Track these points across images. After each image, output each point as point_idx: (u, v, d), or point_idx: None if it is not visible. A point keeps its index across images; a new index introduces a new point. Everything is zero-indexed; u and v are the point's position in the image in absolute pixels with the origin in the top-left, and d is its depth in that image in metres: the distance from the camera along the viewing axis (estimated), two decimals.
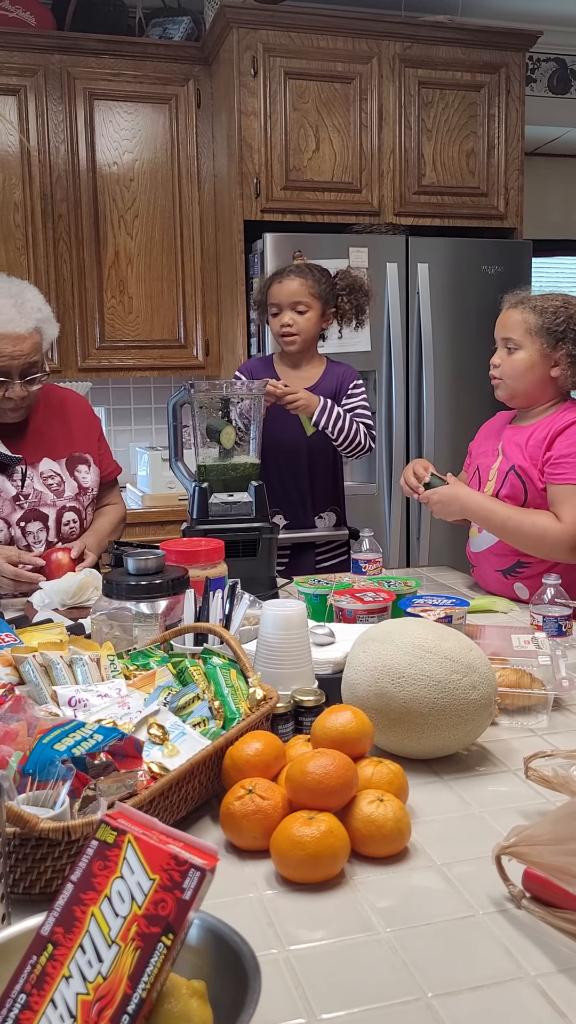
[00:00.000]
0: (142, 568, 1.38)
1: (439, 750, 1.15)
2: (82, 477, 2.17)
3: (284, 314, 2.33)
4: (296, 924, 0.84)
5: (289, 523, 2.42)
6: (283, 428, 2.36)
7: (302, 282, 2.32)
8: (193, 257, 3.56)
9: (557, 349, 1.88)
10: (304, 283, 2.32)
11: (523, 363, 1.90)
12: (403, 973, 0.77)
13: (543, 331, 1.88)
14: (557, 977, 0.76)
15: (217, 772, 1.04)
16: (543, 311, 1.88)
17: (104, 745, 0.94)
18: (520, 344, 1.90)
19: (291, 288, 2.32)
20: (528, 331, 1.89)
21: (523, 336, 1.89)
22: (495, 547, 1.96)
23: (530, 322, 1.89)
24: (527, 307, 1.91)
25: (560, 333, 1.87)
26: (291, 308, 2.32)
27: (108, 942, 0.63)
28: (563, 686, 1.32)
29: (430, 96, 3.40)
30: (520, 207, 3.57)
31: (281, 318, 2.33)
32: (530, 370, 1.90)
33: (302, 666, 1.27)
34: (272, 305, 2.35)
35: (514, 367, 1.92)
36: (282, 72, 3.22)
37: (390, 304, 3.29)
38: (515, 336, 1.91)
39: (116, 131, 3.43)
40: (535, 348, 1.89)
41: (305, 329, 2.34)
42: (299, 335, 2.34)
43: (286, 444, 2.38)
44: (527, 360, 1.90)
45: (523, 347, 1.90)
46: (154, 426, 3.91)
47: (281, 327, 2.33)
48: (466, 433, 3.42)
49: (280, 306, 2.34)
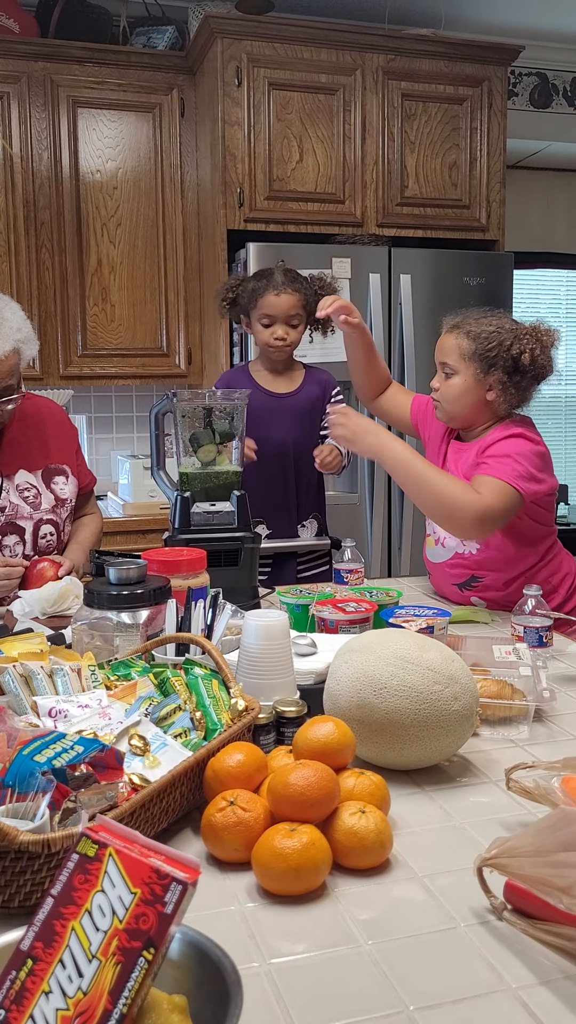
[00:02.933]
0: (123, 578, 1.37)
1: (421, 761, 1.15)
2: (59, 489, 2.14)
3: (278, 327, 2.36)
4: (278, 937, 0.84)
5: (271, 532, 2.42)
6: (269, 435, 2.37)
7: (297, 298, 2.35)
8: (176, 266, 3.56)
9: (490, 375, 1.89)
10: (299, 297, 2.36)
11: (458, 388, 1.92)
12: (385, 986, 0.77)
13: (476, 356, 1.89)
14: (538, 989, 0.76)
15: (199, 783, 1.03)
16: (477, 336, 1.89)
17: (85, 757, 0.94)
18: (455, 369, 1.92)
19: (289, 303, 2.34)
20: (462, 356, 1.90)
21: (457, 361, 1.91)
22: (451, 561, 1.99)
23: (464, 347, 1.90)
24: (462, 332, 1.92)
25: (492, 359, 1.88)
26: (286, 322, 2.35)
27: (89, 957, 0.62)
28: (544, 697, 1.32)
29: (413, 108, 3.43)
30: (502, 219, 3.60)
31: (275, 331, 2.36)
32: (464, 395, 1.92)
33: (284, 676, 1.27)
34: (265, 316, 2.36)
35: (450, 392, 1.93)
36: (266, 82, 3.24)
37: (373, 315, 3.30)
38: (450, 361, 1.92)
39: (99, 139, 3.43)
40: (469, 373, 1.90)
41: (295, 341, 2.39)
42: (291, 346, 2.39)
43: (271, 451, 2.38)
44: (462, 385, 1.91)
45: (458, 372, 1.91)
46: (136, 434, 3.90)
47: (274, 339, 2.36)
48: None
49: (275, 318, 2.35)
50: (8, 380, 1.92)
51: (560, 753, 1.23)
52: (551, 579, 1.96)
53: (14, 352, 1.92)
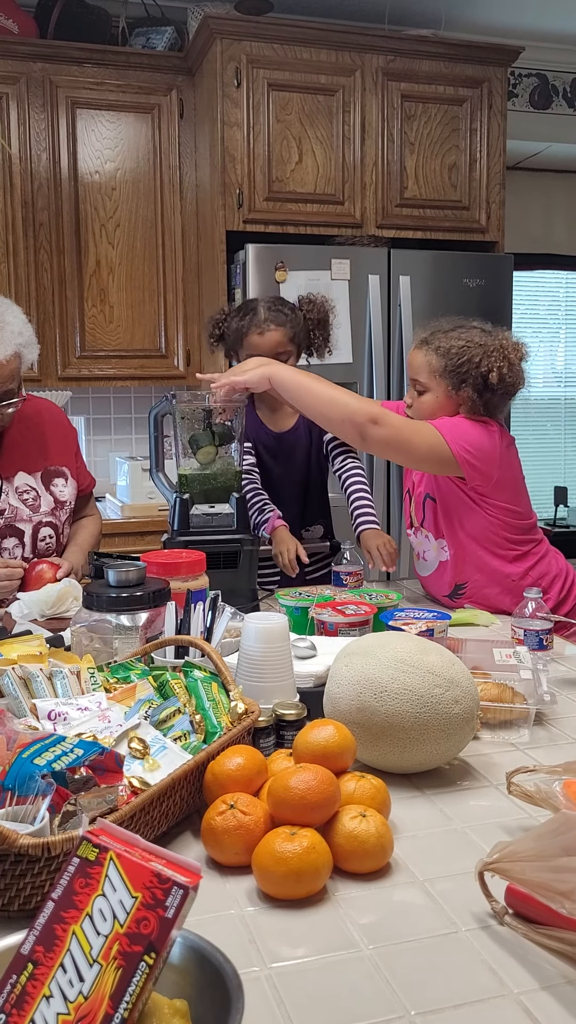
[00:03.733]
0: (123, 580, 1.37)
1: (421, 765, 1.14)
2: (58, 491, 2.13)
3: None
4: (278, 941, 0.84)
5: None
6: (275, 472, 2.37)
7: (283, 332, 2.30)
8: (175, 267, 3.56)
9: (461, 391, 1.88)
10: (284, 332, 2.30)
11: (430, 405, 1.92)
12: (386, 991, 0.77)
13: (446, 373, 1.88)
14: (540, 994, 0.76)
15: (198, 787, 1.03)
16: (447, 352, 1.88)
17: (84, 759, 0.93)
18: (426, 386, 1.91)
19: (273, 340, 2.29)
20: (432, 373, 1.90)
21: (428, 378, 1.91)
22: (435, 573, 1.99)
23: (433, 364, 1.89)
24: (431, 348, 1.90)
25: (463, 375, 1.87)
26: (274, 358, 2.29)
27: (89, 961, 0.62)
28: (544, 700, 1.32)
29: (413, 109, 3.43)
30: (501, 221, 3.60)
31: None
32: (437, 412, 1.91)
33: (284, 680, 1.27)
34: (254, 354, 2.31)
35: (423, 409, 1.93)
36: (265, 83, 3.24)
37: (372, 316, 3.30)
38: (421, 378, 1.92)
39: (98, 140, 3.43)
40: (440, 390, 1.90)
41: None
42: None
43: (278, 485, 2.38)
44: (434, 403, 1.91)
45: (429, 389, 1.91)
46: (134, 436, 3.90)
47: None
48: None
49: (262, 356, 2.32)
50: (9, 384, 1.92)
51: (561, 756, 1.23)
52: (539, 582, 1.94)
53: (15, 356, 1.91)
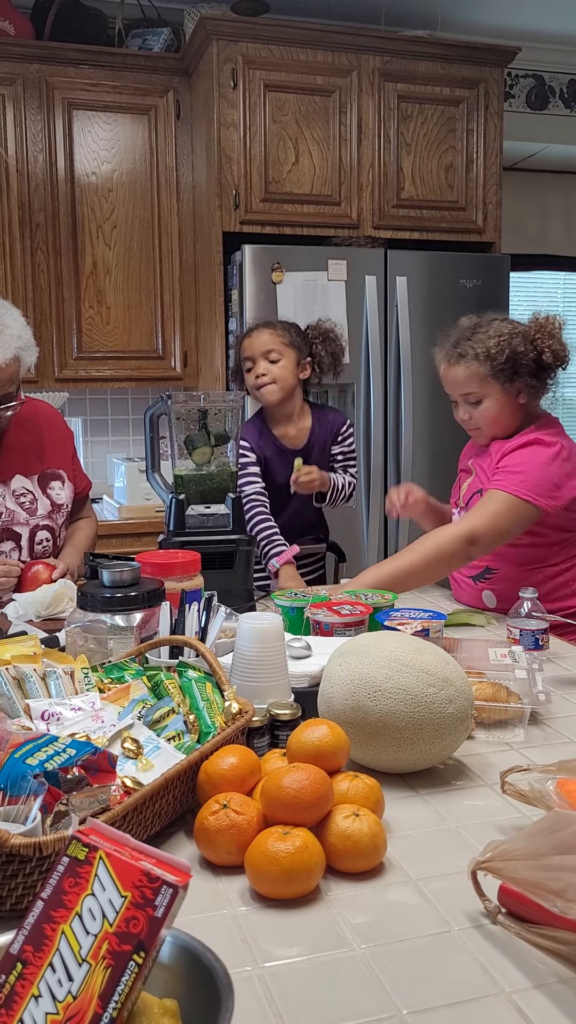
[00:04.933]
0: (117, 580, 1.37)
1: (415, 764, 1.14)
2: (55, 494, 2.13)
3: (258, 365, 2.32)
4: (270, 941, 0.84)
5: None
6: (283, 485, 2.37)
7: (271, 332, 2.32)
8: (171, 268, 3.56)
9: (515, 382, 1.88)
10: (273, 333, 2.32)
11: (493, 410, 1.91)
12: (378, 990, 0.76)
13: (495, 374, 1.87)
14: (532, 993, 0.76)
15: (192, 787, 1.03)
16: (486, 356, 1.86)
17: (77, 759, 0.93)
18: (481, 395, 1.90)
19: (261, 339, 2.32)
20: (482, 381, 1.88)
21: (480, 387, 1.89)
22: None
23: (480, 372, 1.88)
24: (468, 359, 1.88)
25: (510, 368, 1.86)
26: (264, 358, 2.31)
27: (79, 960, 0.62)
28: (539, 700, 1.32)
29: (409, 110, 3.43)
30: (498, 222, 3.60)
31: (255, 370, 2.32)
32: (501, 412, 1.91)
33: (278, 679, 1.27)
34: (246, 360, 2.34)
35: (487, 416, 1.92)
36: (262, 84, 3.24)
37: (368, 317, 3.30)
38: (472, 390, 1.90)
39: (95, 141, 3.43)
40: (496, 391, 1.89)
41: (281, 377, 2.31)
42: (276, 382, 2.31)
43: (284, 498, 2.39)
44: (496, 405, 1.90)
45: (486, 396, 1.90)
46: (131, 437, 3.90)
47: (256, 378, 2.32)
48: (444, 446, 3.44)
49: (253, 359, 2.33)
50: (8, 387, 1.91)
51: (555, 756, 1.23)
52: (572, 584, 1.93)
53: (15, 359, 1.91)
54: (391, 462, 3.41)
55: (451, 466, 3.42)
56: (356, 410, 3.34)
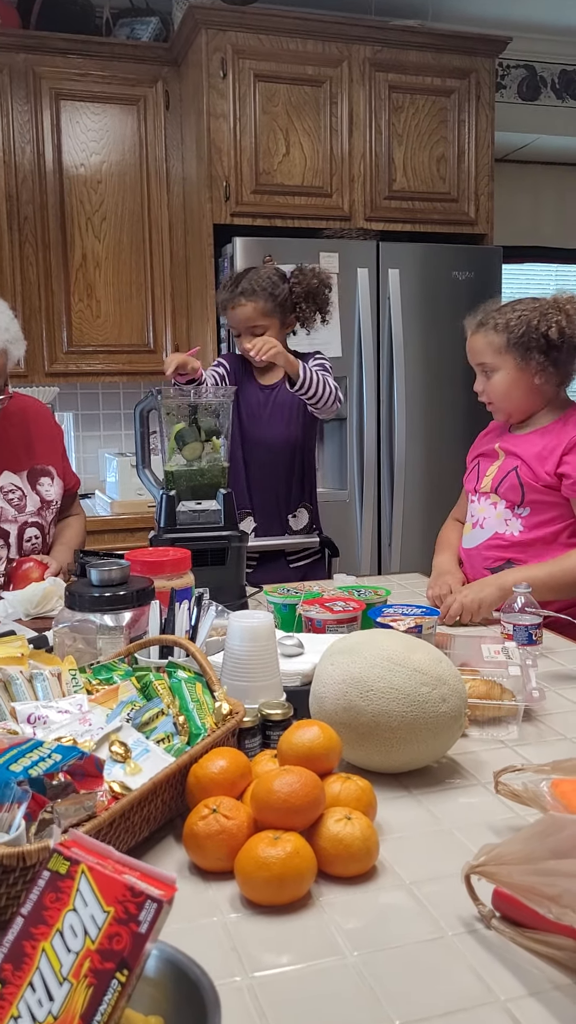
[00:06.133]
0: (106, 579, 1.35)
1: (408, 764, 1.13)
2: (44, 491, 2.10)
3: (244, 338, 2.33)
4: (260, 948, 0.82)
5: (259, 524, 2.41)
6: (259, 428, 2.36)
7: (253, 306, 2.31)
8: (162, 261, 3.53)
9: (529, 359, 1.86)
10: (255, 307, 2.31)
11: (504, 383, 1.90)
12: (371, 999, 0.75)
13: (511, 347, 1.87)
14: (527, 1001, 0.74)
15: (181, 790, 1.01)
16: (505, 327, 1.87)
17: (63, 765, 0.91)
18: (495, 366, 1.90)
19: (244, 314, 2.32)
20: (497, 351, 1.88)
21: (494, 357, 1.89)
22: (488, 542, 1.94)
23: (495, 342, 1.88)
24: (488, 328, 1.90)
25: (526, 343, 1.85)
26: (249, 332, 2.32)
27: (59, 979, 0.60)
28: (533, 697, 1.30)
29: (400, 101, 3.40)
30: (490, 213, 3.58)
31: (243, 341, 2.33)
32: (513, 387, 1.89)
33: (270, 679, 1.25)
34: (232, 327, 2.36)
35: (497, 389, 1.91)
36: (251, 74, 3.20)
37: (361, 309, 3.27)
38: (487, 360, 1.90)
39: (83, 132, 3.39)
40: (510, 365, 1.88)
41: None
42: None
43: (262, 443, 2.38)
44: (506, 379, 1.89)
45: (498, 368, 1.89)
46: (123, 432, 3.87)
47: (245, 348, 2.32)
48: (438, 438, 3.43)
49: (238, 330, 2.34)
50: None
51: (550, 753, 1.22)
52: None
53: (2, 353, 1.88)
54: (384, 455, 3.39)
55: (445, 458, 3.41)
56: (350, 402, 3.31)
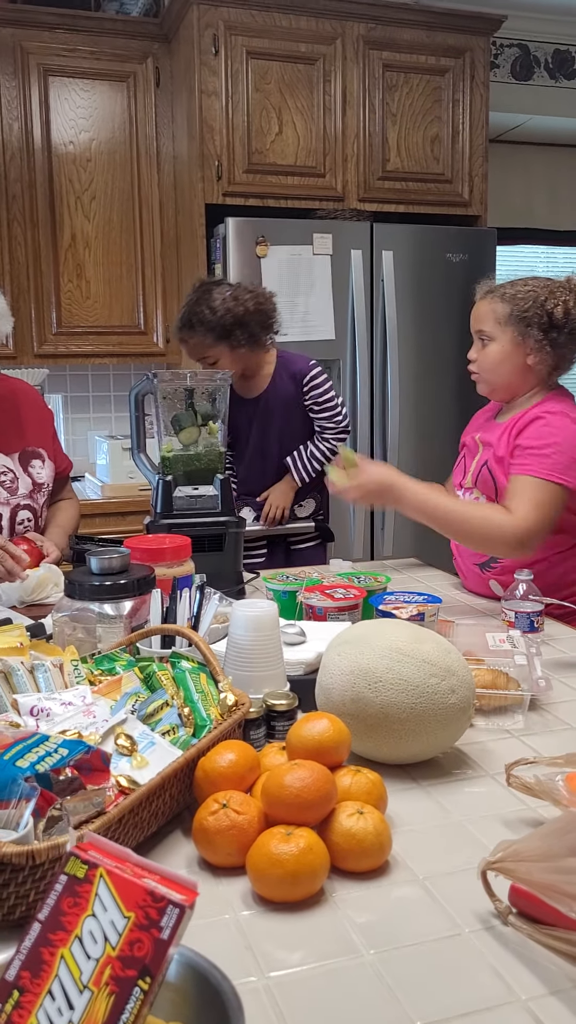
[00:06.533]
0: (106, 567, 1.32)
1: (416, 756, 1.11)
2: (36, 473, 2.07)
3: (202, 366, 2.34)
4: (275, 947, 0.80)
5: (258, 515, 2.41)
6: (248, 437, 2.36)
7: (196, 341, 2.28)
8: (153, 241, 3.48)
9: (527, 337, 1.81)
10: (197, 342, 2.28)
11: (496, 355, 1.84)
12: (390, 1000, 0.73)
13: (512, 319, 1.81)
14: (548, 1000, 0.73)
15: (189, 784, 0.99)
16: (512, 298, 1.82)
17: (70, 760, 0.89)
18: (492, 335, 1.85)
19: (190, 348, 2.31)
20: (498, 321, 1.83)
21: (494, 327, 1.84)
22: None
23: (499, 311, 1.83)
24: (496, 296, 1.85)
25: (529, 319, 1.80)
26: (202, 364, 2.31)
27: (79, 987, 0.58)
28: (540, 686, 1.29)
29: (394, 79, 3.36)
30: (484, 195, 3.55)
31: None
32: (504, 361, 1.84)
33: (274, 668, 1.23)
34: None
35: (488, 360, 1.86)
36: (244, 51, 3.15)
37: (354, 291, 3.24)
38: (486, 328, 1.85)
39: (72, 109, 3.33)
40: (507, 338, 1.83)
41: (226, 367, 2.29)
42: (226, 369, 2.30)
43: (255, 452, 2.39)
44: (500, 352, 1.84)
45: (495, 338, 1.84)
46: (114, 414, 3.83)
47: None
48: (431, 421, 3.41)
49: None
50: None
51: (556, 742, 1.21)
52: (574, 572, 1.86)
53: None
54: (377, 438, 3.36)
55: (438, 442, 3.39)
56: (342, 386, 3.28)
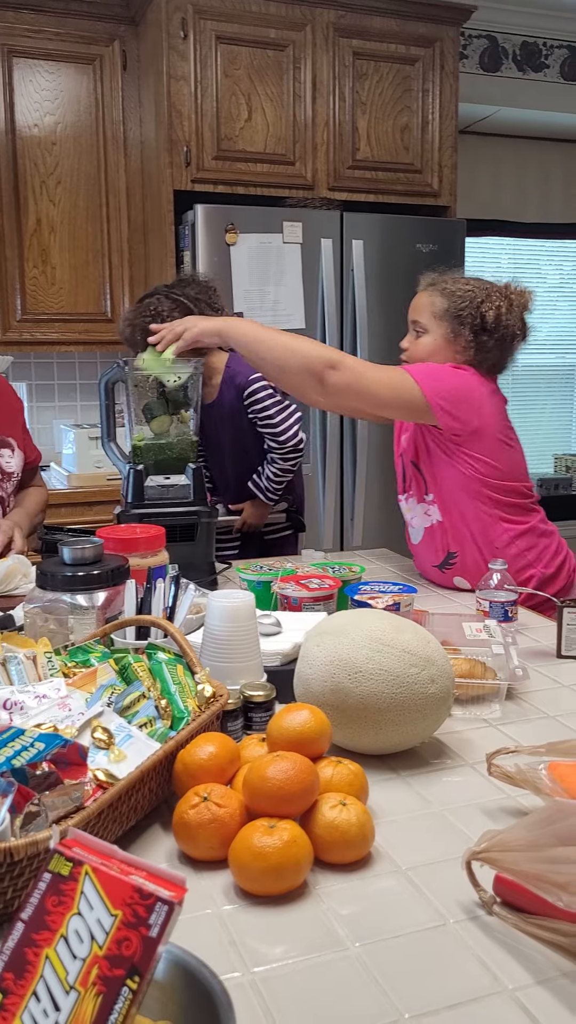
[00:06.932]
0: (79, 558, 1.30)
1: (396, 746, 1.11)
2: (5, 462, 2.03)
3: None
4: (259, 941, 0.79)
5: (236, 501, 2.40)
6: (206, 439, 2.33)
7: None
8: (120, 227, 3.43)
9: (459, 334, 1.81)
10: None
11: (427, 347, 1.84)
12: (377, 992, 0.73)
13: (448, 315, 1.81)
14: (536, 990, 0.73)
15: (168, 777, 0.97)
16: (451, 294, 1.82)
17: (46, 754, 0.87)
18: (426, 328, 1.84)
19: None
20: (434, 315, 1.83)
21: (429, 320, 1.84)
22: (424, 540, 1.91)
23: (436, 305, 1.83)
24: (436, 290, 1.85)
25: (462, 318, 1.80)
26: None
27: (66, 988, 0.56)
28: (517, 675, 1.29)
29: (364, 68, 3.34)
30: (453, 185, 3.55)
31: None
32: (434, 354, 1.84)
33: (251, 659, 1.22)
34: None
35: (419, 351, 1.86)
36: (213, 36, 3.11)
37: (324, 281, 3.23)
38: (422, 319, 1.85)
39: (36, 91, 3.26)
40: (439, 332, 1.83)
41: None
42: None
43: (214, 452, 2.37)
44: (431, 344, 1.84)
45: (429, 331, 1.84)
46: (80, 403, 3.78)
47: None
48: None
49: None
50: None
51: (533, 731, 1.21)
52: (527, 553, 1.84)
53: None
54: (347, 428, 3.36)
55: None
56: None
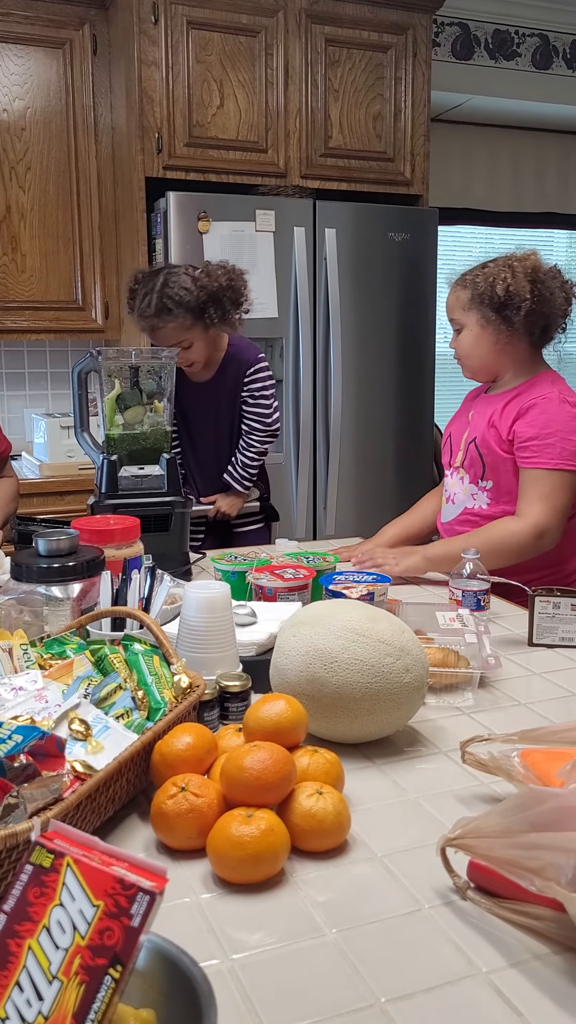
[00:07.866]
0: (54, 549, 1.29)
1: (372, 734, 1.12)
2: None
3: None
4: (238, 929, 0.80)
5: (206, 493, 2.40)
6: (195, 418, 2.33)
7: (172, 327, 2.19)
8: (91, 214, 3.40)
9: (488, 316, 1.85)
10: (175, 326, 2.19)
11: (469, 340, 1.90)
12: (354, 977, 0.74)
13: (473, 303, 1.86)
14: (509, 972, 0.75)
15: (145, 767, 0.98)
16: (473, 283, 1.86)
17: (24, 746, 0.87)
18: (462, 322, 1.90)
19: (163, 335, 2.21)
20: (463, 307, 1.89)
21: (461, 314, 1.90)
22: (460, 517, 1.93)
23: (462, 298, 1.89)
24: (459, 284, 1.91)
25: (485, 300, 1.84)
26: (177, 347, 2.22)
27: (49, 978, 0.57)
28: (489, 664, 1.31)
29: (336, 55, 3.33)
30: (426, 174, 3.55)
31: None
32: (476, 344, 1.89)
33: (227, 649, 1.23)
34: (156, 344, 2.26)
35: (463, 346, 1.91)
36: (184, 21, 3.08)
37: (297, 269, 3.22)
38: (456, 316, 1.91)
39: (5, 76, 3.22)
40: (473, 322, 1.88)
41: (198, 356, 2.26)
42: (198, 361, 2.28)
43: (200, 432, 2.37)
44: (470, 336, 1.89)
45: (465, 324, 1.89)
46: (51, 392, 3.75)
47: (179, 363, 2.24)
48: (371, 400, 3.42)
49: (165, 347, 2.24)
50: None
51: (506, 719, 1.23)
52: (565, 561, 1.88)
53: None
54: (320, 417, 3.36)
55: (378, 420, 3.41)
56: (285, 365, 3.27)
